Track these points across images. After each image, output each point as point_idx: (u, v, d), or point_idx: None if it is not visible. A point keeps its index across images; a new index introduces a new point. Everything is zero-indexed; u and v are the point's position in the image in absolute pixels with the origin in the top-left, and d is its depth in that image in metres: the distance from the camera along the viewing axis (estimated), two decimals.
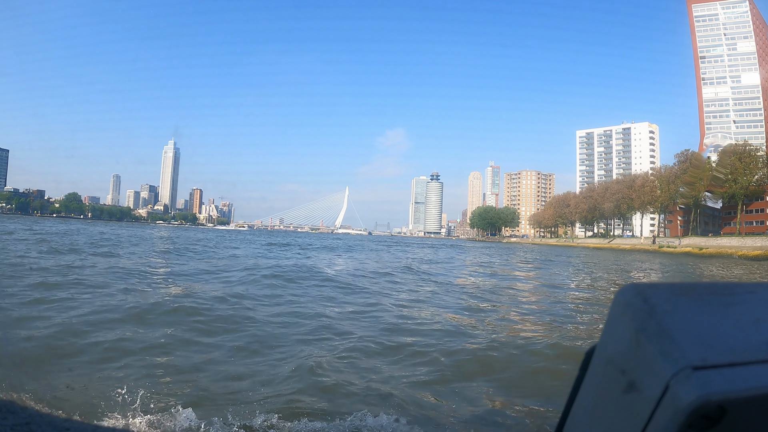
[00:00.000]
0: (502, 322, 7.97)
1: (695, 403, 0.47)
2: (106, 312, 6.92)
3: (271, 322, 6.91)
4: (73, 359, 4.66)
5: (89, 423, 0.80)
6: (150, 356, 4.94)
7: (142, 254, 19.29)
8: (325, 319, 7.37)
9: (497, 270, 21.16)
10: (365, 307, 8.91)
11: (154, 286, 10.03)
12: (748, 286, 0.60)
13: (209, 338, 5.90)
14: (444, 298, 10.69)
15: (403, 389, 4.31)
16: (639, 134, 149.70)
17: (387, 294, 11.00)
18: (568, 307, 10.11)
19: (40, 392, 3.50)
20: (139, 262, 15.28)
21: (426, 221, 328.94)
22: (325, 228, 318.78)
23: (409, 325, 7.18)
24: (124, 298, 8.20)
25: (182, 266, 15.24)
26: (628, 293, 0.57)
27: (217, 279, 12.28)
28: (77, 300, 7.78)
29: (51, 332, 5.54)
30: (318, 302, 9.12)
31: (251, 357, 5.20)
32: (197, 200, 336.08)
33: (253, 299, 8.91)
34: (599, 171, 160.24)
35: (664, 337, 0.51)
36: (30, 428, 0.69)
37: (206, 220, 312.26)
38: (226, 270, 14.51)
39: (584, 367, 0.61)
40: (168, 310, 7.28)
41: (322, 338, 6.16)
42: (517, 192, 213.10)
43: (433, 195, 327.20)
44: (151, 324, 6.37)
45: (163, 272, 13.23)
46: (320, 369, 4.69)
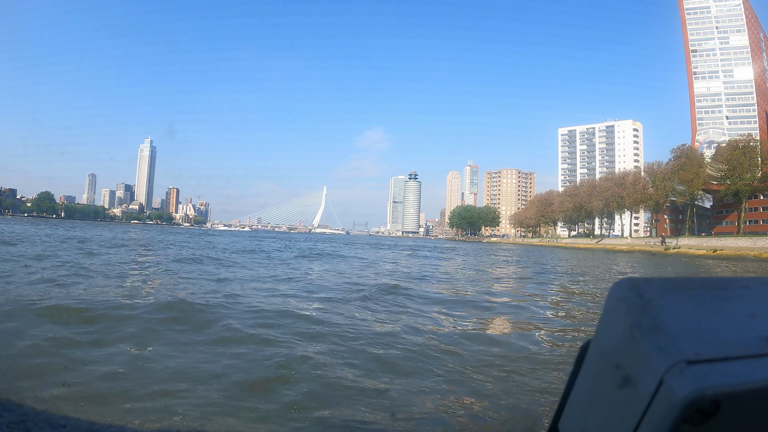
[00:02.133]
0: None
1: (689, 398, 0.47)
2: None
3: None
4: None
5: (85, 420, 0.81)
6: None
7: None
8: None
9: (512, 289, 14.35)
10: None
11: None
12: (741, 280, 0.60)
13: None
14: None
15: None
16: (623, 132, 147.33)
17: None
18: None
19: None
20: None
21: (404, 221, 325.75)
22: (303, 227, 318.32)
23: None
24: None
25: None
26: (622, 288, 0.57)
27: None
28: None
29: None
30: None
31: None
32: (174, 199, 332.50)
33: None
34: (582, 169, 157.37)
35: (658, 332, 0.51)
36: (26, 425, 0.68)
37: (182, 220, 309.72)
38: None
39: (579, 361, 0.61)
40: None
41: None
42: (497, 191, 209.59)
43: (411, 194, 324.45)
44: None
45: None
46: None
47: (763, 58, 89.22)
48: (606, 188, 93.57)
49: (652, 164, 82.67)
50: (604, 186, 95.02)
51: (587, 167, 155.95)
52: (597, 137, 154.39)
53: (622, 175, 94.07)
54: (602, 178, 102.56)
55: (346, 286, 11.36)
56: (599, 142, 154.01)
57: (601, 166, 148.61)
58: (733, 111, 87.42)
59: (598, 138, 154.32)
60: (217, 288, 9.86)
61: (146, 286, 9.81)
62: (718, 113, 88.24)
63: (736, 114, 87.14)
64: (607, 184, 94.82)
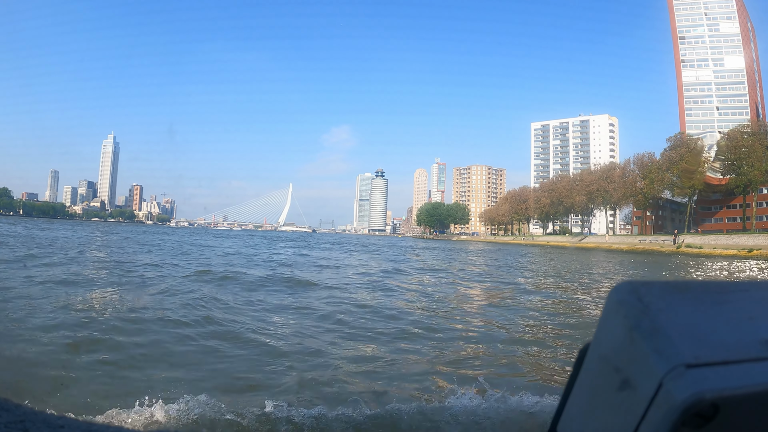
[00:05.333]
0: None
1: (688, 401, 0.46)
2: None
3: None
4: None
5: (83, 420, 0.79)
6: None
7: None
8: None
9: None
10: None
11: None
12: (741, 284, 0.60)
13: None
14: None
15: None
16: (598, 127, 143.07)
17: None
18: None
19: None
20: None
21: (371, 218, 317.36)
22: (269, 225, 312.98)
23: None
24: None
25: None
26: (622, 291, 0.56)
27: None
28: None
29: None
30: None
31: None
32: (137, 196, 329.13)
33: None
34: (555, 165, 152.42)
35: (658, 335, 0.51)
36: (24, 426, 0.67)
37: (146, 217, 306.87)
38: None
39: (578, 364, 0.61)
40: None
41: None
42: (466, 188, 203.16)
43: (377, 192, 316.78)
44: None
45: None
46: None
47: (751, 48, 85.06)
48: (590, 182, 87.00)
49: (643, 155, 76.29)
50: (588, 179, 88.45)
51: (560, 162, 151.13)
52: (571, 132, 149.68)
53: (608, 168, 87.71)
54: (586, 171, 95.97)
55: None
56: (573, 137, 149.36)
57: (575, 162, 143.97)
58: (724, 101, 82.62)
59: (572, 133, 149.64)
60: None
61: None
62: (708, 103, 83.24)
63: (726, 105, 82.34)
64: (591, 177, 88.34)
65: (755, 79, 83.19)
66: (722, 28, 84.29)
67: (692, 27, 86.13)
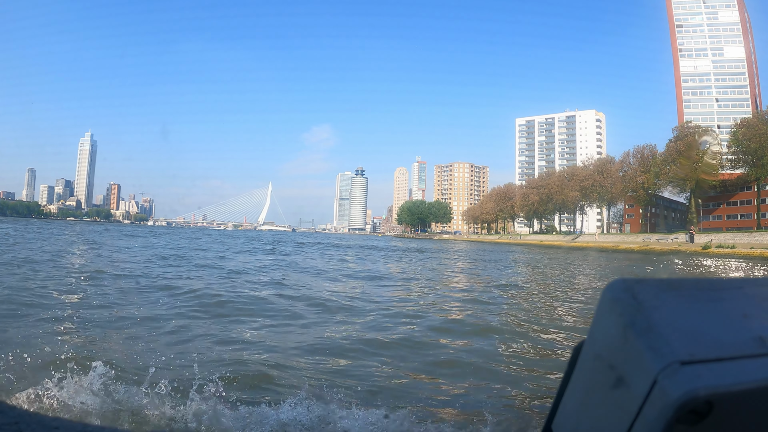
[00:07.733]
0: None
1: (683, 398, 0.47)
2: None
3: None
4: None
5: (78, 422, 0.78)
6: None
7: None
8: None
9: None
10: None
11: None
12: (735, 281, 0.60)
13: None
14: None
15: None
16: (584, 122, 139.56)
17: None
18: None
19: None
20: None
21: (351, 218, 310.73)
22: (248, 224, 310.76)
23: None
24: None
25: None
26: (616, 289, 0.56)
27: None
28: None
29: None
30: None
31: None
32: (115, 195, 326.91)
33: None
34: (540, 161, 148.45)
35: (652, 333, 0.51)
36: (19, 427, 0.66)
37: (123, 217, 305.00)
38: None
39: (573, 362, 0.60)
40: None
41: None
42: (448, 186, 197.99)
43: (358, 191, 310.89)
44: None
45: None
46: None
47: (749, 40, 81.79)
48: (585, 176, 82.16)
49: (643, 148, 71.61)
50: (582, 174, 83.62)
51: (546, 159, 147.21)
52: (557, 128, 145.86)
53: (604, 162, 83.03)
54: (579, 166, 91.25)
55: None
56: (559, 133, 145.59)
57: (561, 158, 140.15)
58: (723, 93, 78.96)
59: (557, 129, 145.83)
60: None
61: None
62: (707, 95, 79.47)
63: (726, 96, 78.69)
64: (586, 172, 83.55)
65: (753, 71, 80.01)
66: (721, 17, 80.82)
67: (690, 15, 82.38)
